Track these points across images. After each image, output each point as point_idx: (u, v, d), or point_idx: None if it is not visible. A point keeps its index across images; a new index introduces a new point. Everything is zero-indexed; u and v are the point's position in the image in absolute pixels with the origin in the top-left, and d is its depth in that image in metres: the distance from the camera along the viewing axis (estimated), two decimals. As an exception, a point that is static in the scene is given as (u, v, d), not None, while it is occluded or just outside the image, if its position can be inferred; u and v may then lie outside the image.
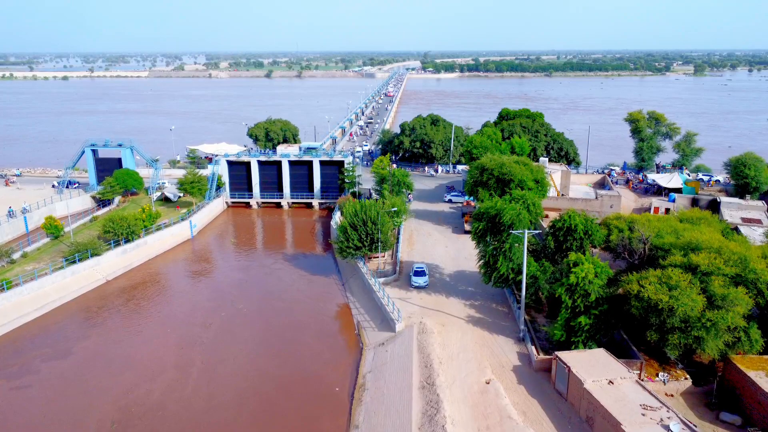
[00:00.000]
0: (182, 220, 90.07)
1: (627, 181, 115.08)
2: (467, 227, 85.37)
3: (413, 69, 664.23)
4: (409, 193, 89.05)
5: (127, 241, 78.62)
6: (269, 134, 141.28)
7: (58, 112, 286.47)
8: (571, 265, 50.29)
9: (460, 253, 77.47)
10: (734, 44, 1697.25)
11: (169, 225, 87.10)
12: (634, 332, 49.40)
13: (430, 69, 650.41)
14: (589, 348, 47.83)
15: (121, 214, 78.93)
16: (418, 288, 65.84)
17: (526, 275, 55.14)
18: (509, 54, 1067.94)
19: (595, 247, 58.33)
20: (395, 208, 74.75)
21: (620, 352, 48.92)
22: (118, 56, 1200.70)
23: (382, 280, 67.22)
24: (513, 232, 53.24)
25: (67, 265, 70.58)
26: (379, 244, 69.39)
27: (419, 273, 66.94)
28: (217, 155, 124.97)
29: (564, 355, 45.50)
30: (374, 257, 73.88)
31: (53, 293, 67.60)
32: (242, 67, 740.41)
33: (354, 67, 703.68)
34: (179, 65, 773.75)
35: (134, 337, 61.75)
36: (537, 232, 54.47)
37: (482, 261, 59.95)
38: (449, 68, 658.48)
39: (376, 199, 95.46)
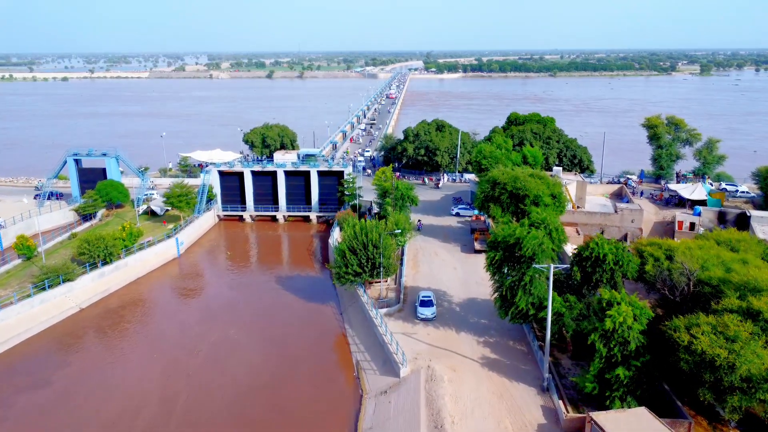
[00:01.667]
0: (168, 237, 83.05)
1: (657, 194, 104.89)
2: (477, 246, 78.42)
3: (416, 69, 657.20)
4: (419, 221, 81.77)
5: (105, 263, 71.65)
6: (266, 140, 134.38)
7: (57, 114, 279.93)
8: (604, 304, 43.26)
9: (470, 277, 70.35)
10: (737, 43, 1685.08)
11: (152, 243, 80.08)
12: (678, 383, 42.31)
13: (433, 69, 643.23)
14: (628, 406, 40.72)
15: (98, 234, 71.90)
16: (425, 320, 58.77)
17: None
18: (512, 54, 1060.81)
19: (627, 278, 51.14)
20: (399, 230, 67.57)
21: (663, 407, 41.76)
22: (120, 56, 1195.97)
23: (384, 311, 60.14)
24: (536, 266, 46.05)
25: (35, 293, 63.61)
26: (381, 269, 62.31)
27: (426, 303, 59.83)
28: (210, 163, 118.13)
29: (600, 417, 38.37)
30: (375, 282, 66.79)
31: (18, 325, 60.71)
32: (244, 67, 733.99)
33: (356, 68, 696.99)
34: (180, 66, 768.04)
35: (116, 365, 56.63)
36: (564, 267, 47.26)
37: (497, 293, 52.88)
38: (452, 68, 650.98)
39: (377, 213, 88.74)
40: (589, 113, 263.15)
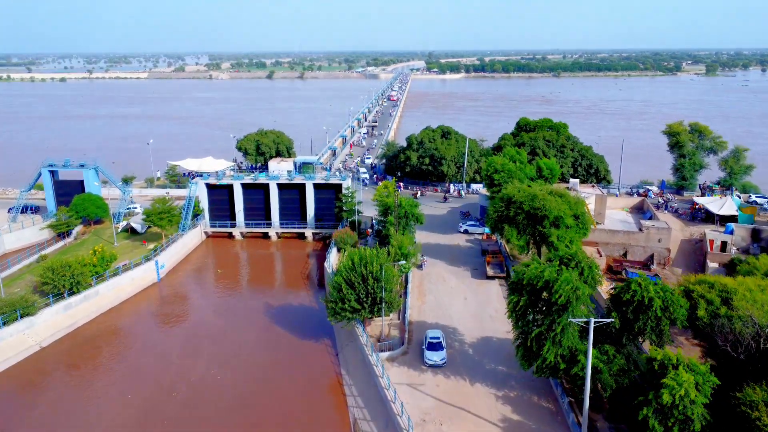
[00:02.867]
0: (146, 260, 75.04)
1: (687, 207, 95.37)
2: (490, 271, 70.41)
3: (417, 69, 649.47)
4: (423, 258, 71.92)
5: (72, 293, 63.67)
6: (260, 147, 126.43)
7: (53, 116, 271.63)
8: (656, 366, 35.31)
9: (483, 309, 62.34)
10: (740, 43, 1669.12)
11: (128, 267, 72.03)
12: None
13: (435, 69, 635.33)
14: (691, 499, 32.78)
15: (64, 260, 63.77)
16: (434, 366, 50.78)
17: (582, 364, 40.22)
18: (514, 53, 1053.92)
19: (674, 325, 43.10)
20: (403, 261, 59.55)
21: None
22: (121, 57, 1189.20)
23: (386, 355, 52.16)
24: (573, 320, 37.94)
25: (-13, 332, 55.74)
26: (383, 305, 54.27)
27: (434, 346, 51.81)
28: (198, 174, 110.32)
29: None
30: (377, 317, 58.69)
31: (-35, 371, 52.91)
32: (244, 67, 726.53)
33: (357, 68, 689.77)
34: (180, 66, 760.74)
35: (83, 410, 50.07)
36: (607, 321, 38.89)
37: (520, 341, 44.86)
38: (454, 68, 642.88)
39: (379, 230, 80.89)
40: (601, 116, 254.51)
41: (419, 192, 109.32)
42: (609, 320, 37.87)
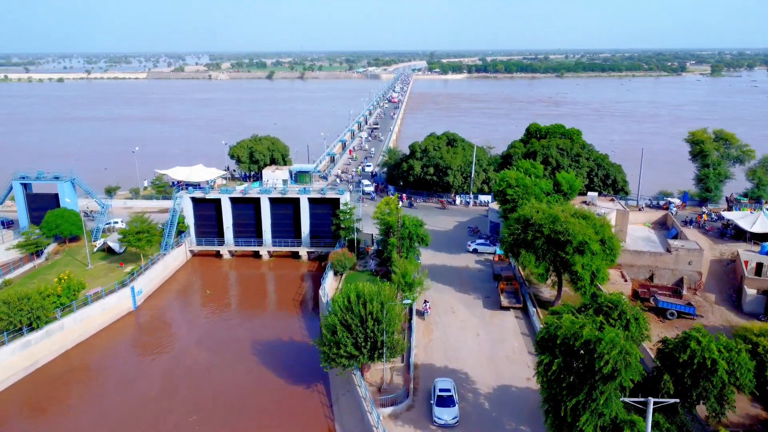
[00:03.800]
0: (121, 286, 67.41)
1: (720, 227, 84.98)
2: (504, 301, 62.80)
3: (419, 70, 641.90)
4: (426, 302, 61.83)
5: (32, 328, 56.14)
6: (254, 155, 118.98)
7: (52, 118, 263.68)
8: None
9: (498, 349, 54.76)
10: (742, 43, 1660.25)
11: (99, 296, 64.39)
12: None
13: (437, 70, 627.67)
14: None
15: (22, 292, 55.98)
16: (444, 426, 43.20)
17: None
18: (516, 53, 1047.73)
19: (741, 391, 35.48)
20: (408, 300, 51.95)
21: None
22: (121, 56, 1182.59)
23: (388, 411, 44.57)
24: (627, 400, 30.29)
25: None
26: (384, 350, 46.64)
27: (445, 400, 44.19)
28: (188, 184, 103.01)
29: None
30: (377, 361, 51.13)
31: None
32: (244, 67, 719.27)
33: (358, 68, 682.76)
34: (180, 66, 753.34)
35: None
36: (674, 401, 31.11)
37: (549, 406, 37.24)
38: (456, 69, 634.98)
39: (380, 251, 73.37)
40: (611, 118, 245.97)
41: (442, 204, 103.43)
42: (674, 400, 30.24)
